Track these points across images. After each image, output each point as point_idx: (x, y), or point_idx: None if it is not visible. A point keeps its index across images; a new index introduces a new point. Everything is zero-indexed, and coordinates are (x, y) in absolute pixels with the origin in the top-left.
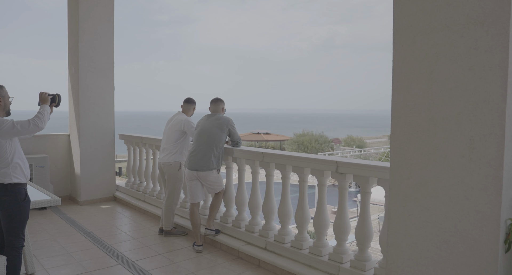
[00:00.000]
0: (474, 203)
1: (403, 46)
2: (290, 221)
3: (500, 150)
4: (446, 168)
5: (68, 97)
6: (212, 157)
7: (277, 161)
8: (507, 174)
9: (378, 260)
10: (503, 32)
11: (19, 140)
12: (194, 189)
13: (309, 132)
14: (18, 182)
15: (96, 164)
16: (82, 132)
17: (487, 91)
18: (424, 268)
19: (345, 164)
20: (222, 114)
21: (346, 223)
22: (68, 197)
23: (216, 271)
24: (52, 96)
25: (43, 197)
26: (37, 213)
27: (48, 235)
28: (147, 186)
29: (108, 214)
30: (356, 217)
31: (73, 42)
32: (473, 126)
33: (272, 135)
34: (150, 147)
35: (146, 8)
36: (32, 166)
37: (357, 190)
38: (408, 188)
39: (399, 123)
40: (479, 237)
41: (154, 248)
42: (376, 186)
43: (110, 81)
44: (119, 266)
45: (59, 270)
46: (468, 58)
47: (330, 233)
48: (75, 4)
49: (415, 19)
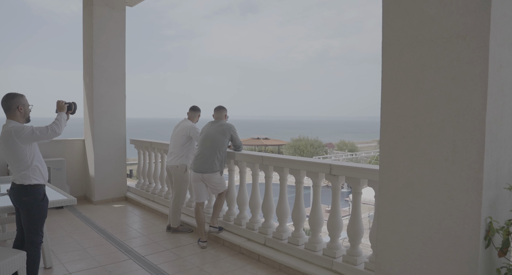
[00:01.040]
0: (457, 203)
1: (391, 58)
2: (288, 219)
3: (480, 154)
4: (431, 170)
5: (83, 105)
6: (216, 160)
7: (275, 164)
8: (487, 176)
9: (368, 255)
10: (483, 45)
11: (38, 145)
12: (199, 189)
13: (305, 138)
14: (37, 183)
15: (109, 167)
16: (96, 138)
17: (469, 99)
18: (410, 262)
19: (338, 166)
20: (225, 121)
21: (339, 221)
22: (83, 197)
23: (219, 265)
24: (69, 104)
25: (60, 197)
26: (54, 211)
27: (65, 232)
28: (155, 187)
29: (120, 213)
30: (348, 216)
31: (88, 55)
32: (455, 132)
33: (271, 140)
34: (159, 151)
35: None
36: (50, 168)
37: (349, 191)
38: (396, 188)
39: (387, 129)
40: (461, 234)
41: (162, 244)
42: (367, 187)
43: (122, 91)
44: (130, 260)
45: (74, 264)
46: (451, 69)
47: (324, 230)
48: (89, 20)
49: (402, 34)
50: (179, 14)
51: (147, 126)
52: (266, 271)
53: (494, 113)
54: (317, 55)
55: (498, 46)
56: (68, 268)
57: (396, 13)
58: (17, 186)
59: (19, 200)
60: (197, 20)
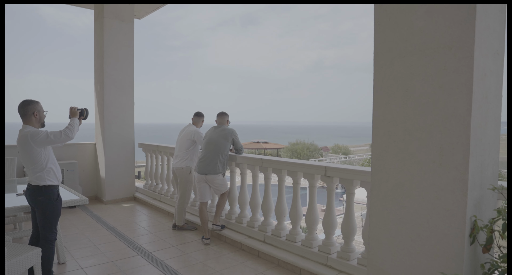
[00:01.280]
0: (444, 202)
1: (382, 67)
2: (285, 218)
3: (466, 157)
4: (420, 172)
5: (94, 111)
6: (218, 162)
7: (274, 166)
8: (472, 177)
9: (361, 251)
10: (468, 55)
11: (52, 148)
12: (202, 190)
13: (302, 142)
14: (51, 184)
15: (118, 169)
16: (106, 142)
17: (455, 106)
18: (400, 258)
19: (333, 168)
20: (226, 126)
21: (333, 220)
22: (94, 197)
23: (222, 261)
24: (81, 110)
25: (73, 197)
26: (68, 210)
27: (77, 229)
28: (162, 188)
29: (128, 212)
30: (342, 214)
31: (99, 64)
32: (442, 136)
33: (270, 144)
34: (165, 154)
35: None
36: (64, 170)
37: (343, 191)
38: (387, 189)
39: (379, 134)
40: (448, 232)
41: (169, 241)
42: (359, 187)
43: (130, 98)
44: (138, 256)
45: (86, 260)
46: (438, 78)
47: (319, 228)
48: (100, 31)
49: (393, 44)
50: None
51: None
52: (266, 266)
53: (478, 119)
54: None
55: (482, 56)
56: (80, 264)
57: (387, 25)
58: (33, 186)
59: (34, 200)
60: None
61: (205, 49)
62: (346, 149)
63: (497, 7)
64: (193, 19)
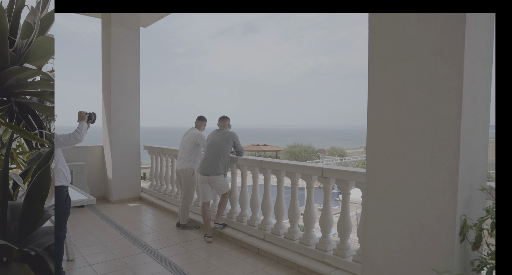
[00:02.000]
0: (435, 202)
1: (376, 73)
2: (284, 217)
3: (456, 158)
4: (412, 173)
5: (102, 115)
6: (220, 164)
7: (273, 167)
8: (462, 178)
9: (356, 248)
10: (458, 62)
11: (61, 150)
12: (205, 190)
13: (300, 144)
14: (61, 184)
15: (124, 170)
16: (113, 144)
17: (445, 110)
18: (394, 255)
19: (329, 170)
20: (228, 129)
21: (330, 218)
22: (102, 197)
23: (223, 258)
24: (89, 114)
25: (82, 197)
26: (76, 210)
27: (86, 228)
28: (166, 188)
29: (134, 211)
30: (338, 214)
31: (106, 70)
32: (434, 139)
33: (269, 146)
34: (169, 156)
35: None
36: (73, 171)
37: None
38: (380, 189)
39: (373, 137)
40: (439, 230)
41: (173, 239)
42: (355, 188)
43: (136, 102)
44: (144, 253)
45: (94, 257)
46: (429, 83)
47: (316, 226)
48: (107, 39)
49: (386, 51)
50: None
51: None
52: (265, 263)
53: (468, 122)
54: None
55: (472, 63)
56: (88, 260)
57: (380, 33)
58: None
59: None
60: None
61: (207, 56)
62: (342, 151)
63: (485, 15)
64: (196, 27)
